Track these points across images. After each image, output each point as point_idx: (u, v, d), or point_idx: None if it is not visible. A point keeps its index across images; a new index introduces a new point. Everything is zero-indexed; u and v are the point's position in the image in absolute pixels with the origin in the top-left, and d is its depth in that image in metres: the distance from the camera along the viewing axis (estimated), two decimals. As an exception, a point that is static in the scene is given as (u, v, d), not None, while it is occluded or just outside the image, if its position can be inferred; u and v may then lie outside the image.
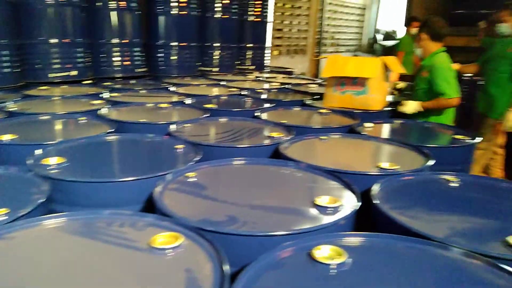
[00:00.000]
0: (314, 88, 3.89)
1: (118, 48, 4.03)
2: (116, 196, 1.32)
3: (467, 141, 2.02)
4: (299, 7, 9.66)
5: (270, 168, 1.55)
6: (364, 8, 12.00)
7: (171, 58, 4.42)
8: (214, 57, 4.88)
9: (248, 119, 2.35)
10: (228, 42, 4.91)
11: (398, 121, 2.51)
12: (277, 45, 9.47)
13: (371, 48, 12.31)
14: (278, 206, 1.21)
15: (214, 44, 4.84)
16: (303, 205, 1.20)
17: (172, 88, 3.50)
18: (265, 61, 5.74)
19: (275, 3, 8.89)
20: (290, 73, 5.77)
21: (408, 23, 6.00)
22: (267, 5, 5.41)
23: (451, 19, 8.94)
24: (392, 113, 2.95)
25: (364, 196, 1.27)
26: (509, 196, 1.38)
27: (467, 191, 1.39)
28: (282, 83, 4.09)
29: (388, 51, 8.86)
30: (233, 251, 0.94)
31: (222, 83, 3.97)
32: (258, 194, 1.31)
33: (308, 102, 3.06)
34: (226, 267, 0.82)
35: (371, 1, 12.08)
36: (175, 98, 3.02)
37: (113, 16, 3.90)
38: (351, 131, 2.23)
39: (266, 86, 3.94)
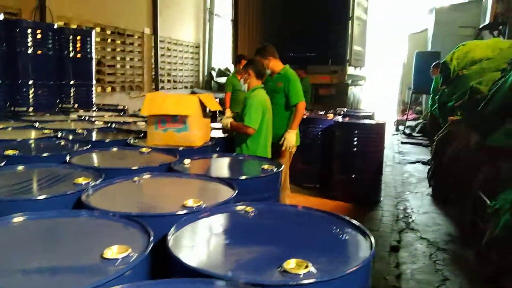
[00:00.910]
0: (142, 125, 3.80)
1: None
2: None
3: (272, 170, 2.21)
4: (131, 44, 9.53)
5: (59, 220, 1.40)
6: (198, 47, 12.53)
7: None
8: (28, 96, 4.38)
9: (54, 165, 2.13)
10: (44, 80, 4.48)
11: (215, 156, 2.61)
12: (110, 82, 9.12)
13: (209, 85, 12.87)
14: (59, 266, 1.09)
15: (28, 82, 4.35)
16: (89, 260, 1.11)
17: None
18: (92, 99, 5.41)
19: (105, 39, 8.61)
20: (120, 110, 5.55)
21: (238, 61, 6.20)
22: (89, 41, 5.16)
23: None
24: (216, 147, 3.11)
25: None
26: (297, 220, 1.53)
27: (260, 220, 1.49)
28: (106, 122, 3.88)
29: (223, 87, 9.39)
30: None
31: (36, 124, 3.56)
32: (37, 256, 1.16)
33: (132, 141, 2.96)
34: None
35: (203, 40, 12.69)
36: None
37: None
38: (169, 169, 2.22)
39: (88, 126, 3.68)
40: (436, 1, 12.45)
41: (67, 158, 2.28)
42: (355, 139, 5.11)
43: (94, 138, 3.17)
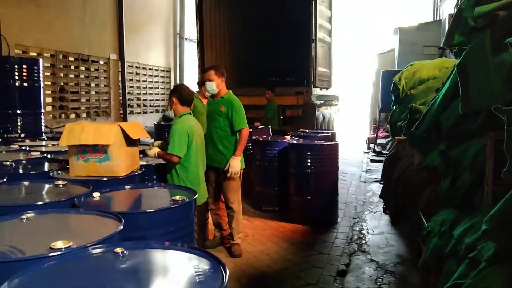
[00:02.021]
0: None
1: None
2: None
3: (182, 201, 2.12)
4: (97, 70, 9.46)
5: None
6: (169, 71, 12.52)
7: None
8: (-34, 127, 4.25)
9: None
10: (-16, 109, 4.37)
11: (128, 187, 2.51)
12: (74, 108, 8.98)
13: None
14: None
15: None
16: None
17: None
18: (41, 127, 5.29)
19: (68, 66, 8.52)
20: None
21: (203, 83, 6.21)
22: (36, 69, 5.07)
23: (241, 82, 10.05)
24: (146, 176, 3.04)
25: None
26: (158, 262, 1.45)
27: (119, 263, 1.40)
28: (44, 152, 3.77)
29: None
30: None
31: (-35, 157, 3.43)
32: None
33: (54, 173, 2.85)
34: None
35: (174, 64, 12.70)
36: None
37: None
38: (72, 205, 2.12)
39: (22, 156, 3.56)
40: (401, 22, 12.77)
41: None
42: (308, 160, 5.07)
43: (19, 171, 3.05)
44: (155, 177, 3.28)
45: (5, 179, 2.56)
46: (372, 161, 9.90)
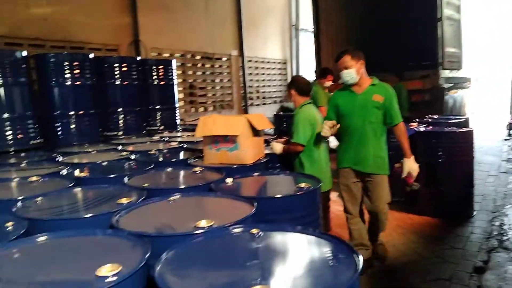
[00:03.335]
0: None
1: (9, 122, 3.99)
2: None
3: (308, 188, 2.17)
4: (220, 66, 10.11)
5: (73, 239, 1.55)
6: (285, 62, 12.74)
7: (70, 127, 4.42)
8: (118, 121, 4.94)
9: (110, 187, 2.38)
10: (131, 106, 5.01)
11: (256, 174, 2.64)
12: (202, 102, 9.76)
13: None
14: (56, 280, 1.23)
15: (116, 109, 4.92)
16: (83, 276, 1.23)
17: (60, 158, 3.47)
18: (176, 120, 5.88)
19: (196, 64, 9.27)
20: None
21: (323, 75, 5.95)
22: (170, 69, 5.64)
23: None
24: (269, 164, 3.17)
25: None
26: (297, 246, 1.50)
27: (258, 243, 1.48)
28: (181, 142, 4.19)
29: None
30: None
31: (119, 147, 4.00)
32: (42, 269, 1.33)
33: (191, 161, 3.16)
34: None
35: (290, 55, 12.86)
36: (52, 169, 2.99)
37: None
38: (210, 189, 2.32)
39: (163, 146, 4.02)
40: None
41: (126, 179, 2.54)
42: (439, 149, 4.70)
43: (161, 159, 3.44)
44: (277, 165, 3.40)
45: (151, 167, 2.93)
46: (514, 149, 8.74)
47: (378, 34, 9.64)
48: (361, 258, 1.26)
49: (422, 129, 5.14)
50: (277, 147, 3.31)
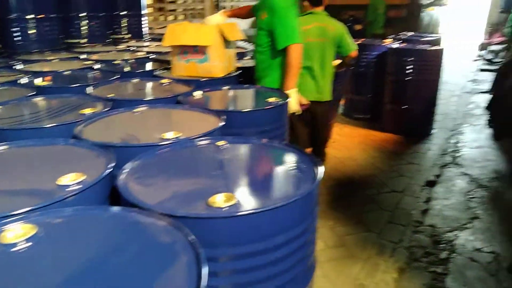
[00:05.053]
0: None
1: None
2: None
3: (276, 103, 2.19)
4: (191, -30, 9.41)
5: (37, 149, 1.54)
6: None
7: (28, 32, 4.12)
8: (80, 28, 4.64)
9: (73, 96, 2.31)
10: (96, 11, 4.68)
11: (225, 88, 2.62)
12: (172, 10, 9.23)
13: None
14: (13, 189, 1.24)
15: (79, 14, 4.59)
16: (44, 185, 1.25)
17: (19, 66, 3.29)
18: (143, 29, 5.57)
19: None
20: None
21: None
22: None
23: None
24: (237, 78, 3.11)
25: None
26: (259, 154, 1.56)
27: (223, 154, 1.53)
28: (148, 52, 4.03)
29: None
30: None
31: (82, 56, 3.81)
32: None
33: (158, 72, 3.07)
34: None
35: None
36: (11, 77, 2.85)
37: None
38: (178, 101, 2.30)
39: (128, 56, 3.86)
40: None
41: (90, 89, 2.46)
42: (408, 66, 4.76)
43: (126, 69, 3.32)
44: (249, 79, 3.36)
45: (115, 77, 2.83)
46: (482, 70, 8.93)
47: None
48: (321, 168, 1.33)
49: (395, 46, 5.14)
50: (295, 106, 2.75)
